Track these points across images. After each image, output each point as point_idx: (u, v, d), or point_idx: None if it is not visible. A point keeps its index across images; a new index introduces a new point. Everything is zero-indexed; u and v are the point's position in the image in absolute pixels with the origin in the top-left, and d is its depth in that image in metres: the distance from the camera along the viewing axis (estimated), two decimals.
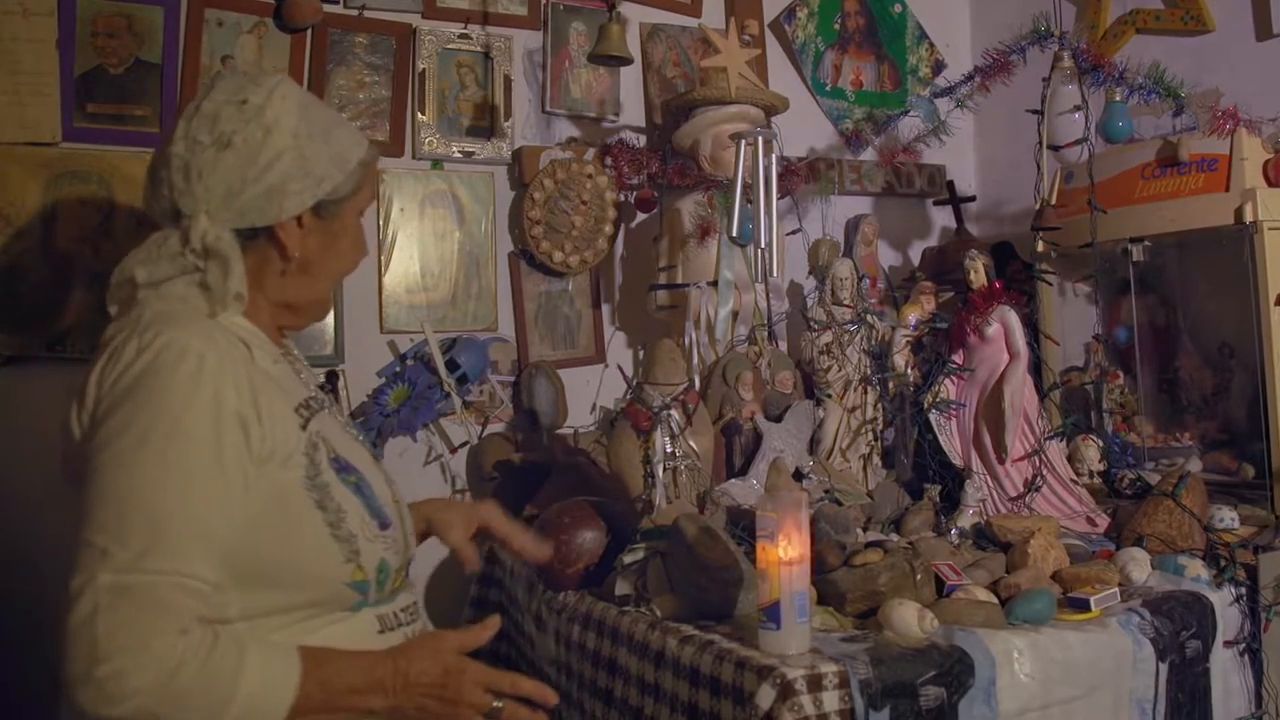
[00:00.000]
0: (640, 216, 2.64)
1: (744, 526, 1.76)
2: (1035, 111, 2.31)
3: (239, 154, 1.22)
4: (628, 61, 2.42)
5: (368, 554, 1.22)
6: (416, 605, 1.35)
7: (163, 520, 1.06)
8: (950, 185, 3.05)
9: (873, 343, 2.30)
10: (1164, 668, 1.55)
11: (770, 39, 2.94)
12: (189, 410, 1.11)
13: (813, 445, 2.22)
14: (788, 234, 2.53)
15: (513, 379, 2.51)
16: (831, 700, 1.30)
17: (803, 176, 2.72)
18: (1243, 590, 1.72)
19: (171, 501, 1.07)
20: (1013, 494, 2.10)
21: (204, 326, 1.19)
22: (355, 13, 2.37)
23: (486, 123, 2.51)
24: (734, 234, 2.15)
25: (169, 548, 1.06)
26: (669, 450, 1.97)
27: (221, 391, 1.13)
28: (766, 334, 2.40)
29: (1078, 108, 2.25)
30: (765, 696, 1.29)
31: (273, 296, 1.31)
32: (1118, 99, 2.27)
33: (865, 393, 2.27)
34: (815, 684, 1.30)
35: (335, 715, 1.13)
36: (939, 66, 3.12)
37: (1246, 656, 1.71)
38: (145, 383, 1.11)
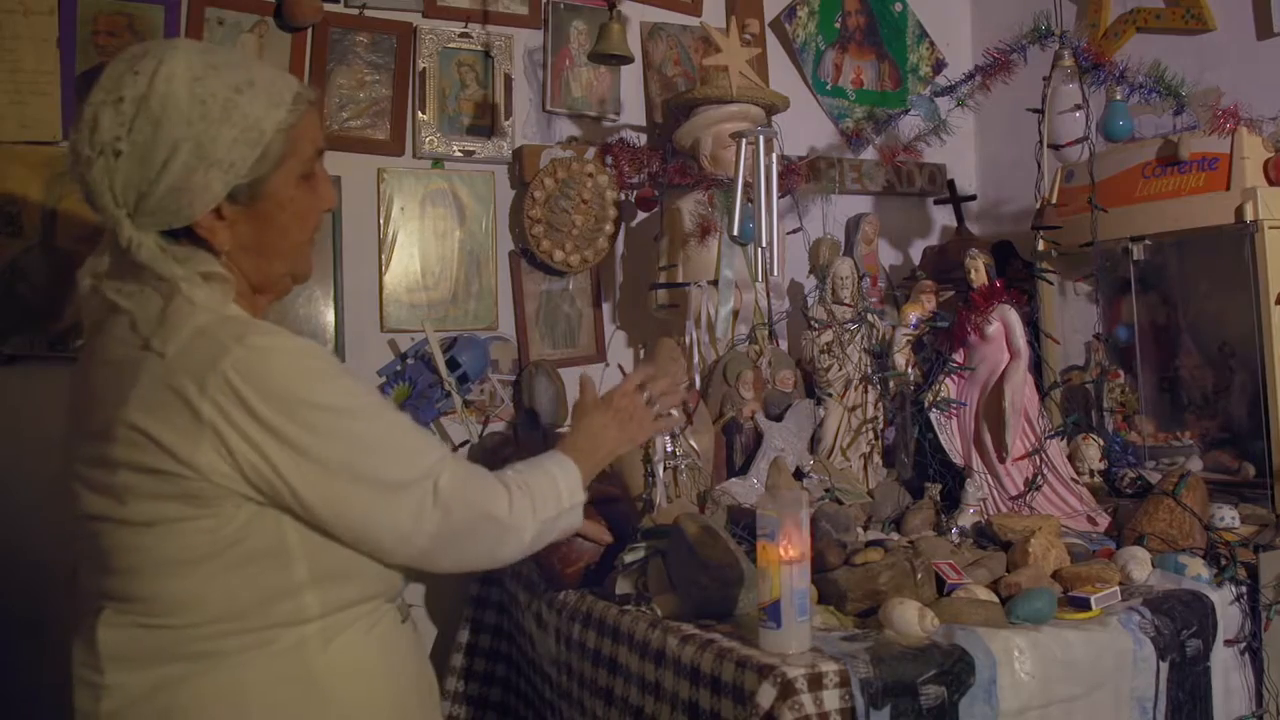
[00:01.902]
0: (641, 215, 2.64)
1: (744, 525, 1.77)
2: (1036, 110, 2.31)
3: (131, 159, 1.12)
4: (628, 60, 2.42)
5: None
6: None
7: (413, 430, 1.24)
8: (951, 184, 3.04)
9: (873, 341, 2.30)
10: (1164, 666, 1.55)
11: (771, 38, 2.94)
12: (339, 367, 1.20)
13: (813, 444, 2.22)
14: (788, 233, 2.53)
15: (513, 378, 2.51)
16: (832, 699, 1.30)
17: (803, 175, 2.72)
18: (1243, 589, 1.72)
19: (405, 422, 1.24)
20: (1013, 493, 2.10)
21: (256, 320, 1.20)
22: (356, 11, 2.37)
23: (487, 121, 2.51)
24: (735, 233, 2.15)
25: (426, 447, 1.23)
26: (669, 449, 1.97)
27: (312, 346, 1.20)
28: (767, 333, 2.40)
29: (1078, 106, 2.25)
30: (766, 695, 1.29)
31: (236, 284, 1.22)
32: (1118, 98, 2.26)
33: (866, 391, 2.27)
34: (816, 683, 1.30)
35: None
36: (939, 65, 3.12)
37: (1247, 655, 1.71)
38: (293, 379, 1.13)
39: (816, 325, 2.31)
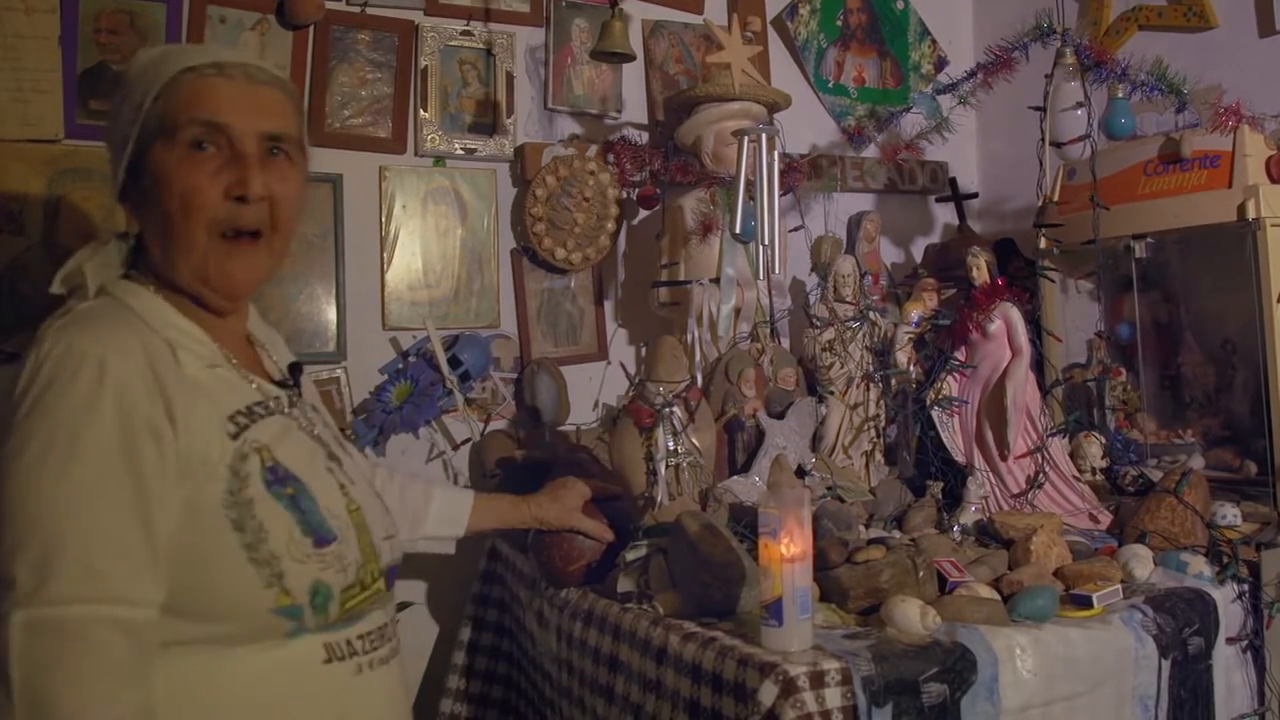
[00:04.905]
0: (642, 213, 2.64)
1: (746, 523, 1.77)
2: (1038, 108, 2.31)
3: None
4: (630, 58, 2.42)
5: (296, 576, 1.10)
6: (389, 626, 1.24)
7: (72, 543, 0.98)
8: (953, 182, 3.04)
9: (875, 339, 2.30)
10: (1166, 664, 1.55)
11: (772, 35, 2.94)
12: (90, 423, 1.01)
13: (815, 442, 2.22)
14: (790, 231, 2.53)
15: (515, 376, 2.51)
16: (834, 697, 1.30)
17: (805, 173, 2.72)
18: (1245, 587, 1.72)
19: (82, 521, 0.99)
20: (1015, 491, 2.10)
21: (114, 330, 1.09)
22: (358, 9, 2.38)
23: (489, 119, 2.51)
24: (736, 231, 2.15)
25: (82, 572, 0.98)
26: (671, 447, 1.96)
27: (127, 399, 1.03)
28: (769, 331, 2.40)
29: (1080, 104, 2.25)
30: (767, 693, 1.29)
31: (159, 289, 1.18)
32: (1120, 95, 2.26)
33: (868, 389, 2.27)
34: (817, 680, 1.30)
35: None
36: (941, 63, 3.12)
37: (1249, 653, 1.71)
38: (43, 396, 1.02)
39: (818, 323, 2.31)
